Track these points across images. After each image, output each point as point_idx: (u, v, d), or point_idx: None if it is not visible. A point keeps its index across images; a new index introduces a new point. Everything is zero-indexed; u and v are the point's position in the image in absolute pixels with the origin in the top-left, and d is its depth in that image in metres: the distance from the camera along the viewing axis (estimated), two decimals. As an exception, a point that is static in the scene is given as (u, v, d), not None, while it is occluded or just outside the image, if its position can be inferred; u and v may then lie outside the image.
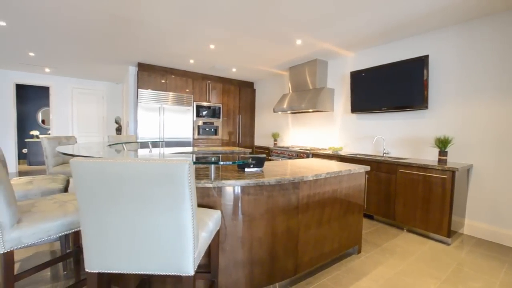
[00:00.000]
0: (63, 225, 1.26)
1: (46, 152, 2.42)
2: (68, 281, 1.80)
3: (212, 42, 3.66)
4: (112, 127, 7.08)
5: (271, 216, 1.58)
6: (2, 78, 5.71)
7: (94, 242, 0.90)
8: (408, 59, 3.18)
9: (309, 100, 4.27)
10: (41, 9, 2.75)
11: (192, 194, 0.81)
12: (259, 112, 6.39)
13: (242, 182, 1.41)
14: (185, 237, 0.83)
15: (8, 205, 1.10)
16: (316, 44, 3.66)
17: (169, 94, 4.93)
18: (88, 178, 0.85)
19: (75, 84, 6.57)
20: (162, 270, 0.87)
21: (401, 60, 3.25)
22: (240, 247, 1.51)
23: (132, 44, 3.85)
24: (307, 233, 1.77)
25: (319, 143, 4.74)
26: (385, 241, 2.61)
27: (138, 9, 2.72)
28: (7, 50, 4.28)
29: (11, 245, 1.11)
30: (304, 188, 1.70)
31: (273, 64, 4.81)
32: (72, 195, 1.56)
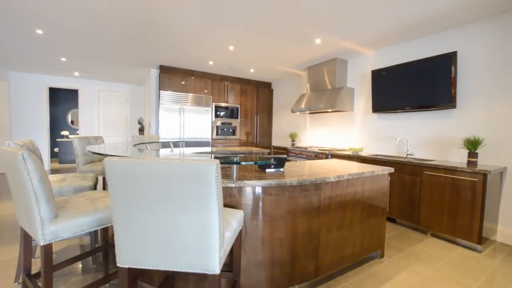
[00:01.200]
0: (94, 221, 1.33)
1: (77, 151, 2.57)
2: (97, 274, 1.90)
3: (231, 43, 3.71)
4: (135, 128, 7.37)
5: (292, 217, 1.57)
6: (37, 82, 6.14)
7: (125, 238, 0.94)
8: (434, 56, 3.03)
9: (327, 100, 4.20)
10: (73, 17, 2.91)
11: (219, 194, 0.83)
12: (277, 112, 6.37)
13: (264, 182, 1.42)
14: (212, 236, 0.85)
15: (47, 201, 1.18)
16: (336, 42, 3.59)
17: (188, 95, 5.05)
18: (120, 177, 0.89)
19: (101, 87, 6.91)
20: (189, 268, 0.89)
21: (426, 58, 3.11)
22: (260, 247, 1.52)
23: (155, 48, 3.98)
24: (328, 235, 1.75)
25: (338, 143, 4.65)
26: (409, 245, 2.51)
27: (162, 14, 2.82)
28: (43, 56, 4.58)
29: (50, 238, 1.19)
30: (326, 190, 1.68)
31: (291, 64, 4.79)
32: (102, 192, 1.64)
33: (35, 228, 1.18)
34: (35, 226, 1.18)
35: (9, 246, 2.29)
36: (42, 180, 1.17)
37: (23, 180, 1.15)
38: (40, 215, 1.17)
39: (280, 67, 4.99)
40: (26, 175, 1.13)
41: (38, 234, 1.17)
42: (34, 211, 1.16)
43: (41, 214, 1.17)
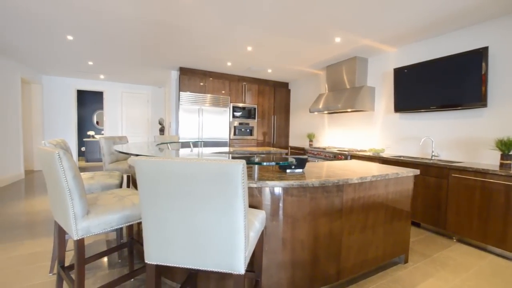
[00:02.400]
0: (122, 218, 1.38)
1: (103, 150, 2.69)
2: (122, 269, 1.98)
3: (250, 44, 3.73)
4: (156, 128, 7.61)
5: (314, 218, 1.55)
6: (67, 85, 6.53)
7: (153, 235, 0.97)
8: (463, 52, 2.88)
9: (346, 99, 4.11)
10: (100, 22, 3.06)
11: (244, 194, 0.84)
12: (294, 112, 6.32)
13: (286, 183, 1.41)
14: (237, 236, 0.86)
15: (80, 197, 1.25)
16: (357, 41, 3.50)
17: (207, 96, 5.14)
18: (149, 176, 0.92)
19: (124, 89, 7.21)
20: (214, 267, 0.91)
21: (453, 54, 2.96)
22: (281, 248, 1.52)
23: (175, 50, 4.09)
24: (350, 238, 1.71)
25: (358, 144, 4.53)
26: (434, 251, 2.40)
27: (183, 17, 2.89)
28: (72, 60, 4.86)
29: (82, 233, 1.26)
30: (348, 191, 1.64)
31: (309, 64, 4.73)
32: (128, 190, 1.71)
33: (69, 224, 1.25)
34: (69, 222, 1.24)
35: (43, 239, 2.45)
36: (76, 178, 1.23)
37: (58, 178, 1.22)
38: (74, 211, 1.23)
39: (298, 67, 4.95)
40: (61, 173, 1.20)
41: (72, 229, 1.24)
42: (69, 207, 1.23)
43: (75, 210, 1.23)
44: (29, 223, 2.86)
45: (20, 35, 3.55)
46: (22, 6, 2.69)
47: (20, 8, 2.75)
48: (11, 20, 3.05)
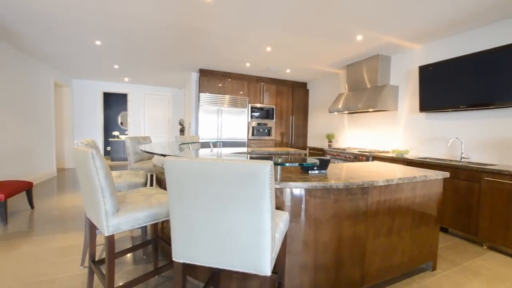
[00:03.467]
0: (149, 216, 1.43)
1: (129, 150, 2.81)
2: (147, 265, 2.05)
3: (269, 44, 3.73)
4: (176, 128, 7.82)
5: (338, 221, 1.52)
6: (94, 88, 6.88)
7: (180, 234, 1.00)
8: (497, 47, 2.70)
9: (367, 99, 3.99)
10: (126, 27, 3.19)
11: (272, 195, 0.84)
12: (313, 112, 6.24)
13: (309, 184, 1.40)
14: (264, 237, 0.86)
15: (111, 195, 1.31)
16: (379, 38, 3.39)
17: (225, 97, 5.20)
18: (178, 176, 0.95)
19: (146, 91, 7.49)
20: (240, 267, 0.92)
21: (486, 50, 2.78)
22: (304, 250, 1.50)
23: (195, 52, 4.17)
24: (375, 242, 1.65)
25: (379, 145, 4.39)
26: (465, 259, 2.27)
27: (204, 19, 2.94)
28: (99, 64, 5.11)
29: (112, 229, 1.31)
30: (373, 194, 1.59)
31: (328, 63, 4.65)
32: (153, 189, 1.76)
33: (101, 220, 1.31)
34: (101, 218, 1.31)
35: (73, 233, 2.59)
36: (107, 176, 1.29)
37: (91, 176, 1.28)
38: (105, 208, 1.29)
39: (316, 66, 4.88)
40: (94, 172, 1.26)
41: (103, 226, 1.30)
42: (100, 205, 1.29)
43: (106, 207, 1.29)
44: (61, 218, 3.04)
45: (54, 42, 3.79)
46: (56, 14, 2.87)
47: (54, 17, 2.93)
48: (47, 28, 3.26)
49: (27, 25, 3.21)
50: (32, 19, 3.02)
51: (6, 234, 2.55)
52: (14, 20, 3.05)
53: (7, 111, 3.96)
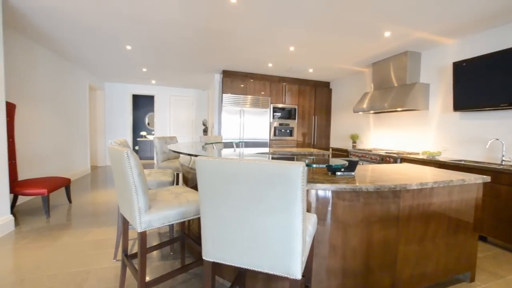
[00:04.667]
0: (178, 214, 1.48)
1: (157, 149, 2.92)
2: (174, 261, 2.12)
3: (292, 43, 3.70)
4: (199, 128, 8.03)
5: (367, 225, 1.47)
6: (124, 90, 7.27)
7: (211, 233, 1.02)
8: (548, 40, 2.45)
9: (395, 98, 3.82)
10: (154, 31, 3.34)
11: (304, 197, 0.83)
12: (336, 112, 6.09)
13: (338, 186, 1.37)
14: (295, 239, 0.86)
15: (144, 193, 1.37)
16: (409, 34, 3.23)
17: (247, 98, 5.24)
18: (209, 175, 0.97)
19: (172, 92, 7.77)
20: (270, 269, 0.91)
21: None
22: (331, 254, 1.47)
23: (219, 54, 4.25)
24: (407, 248, 1.57)
25: (408, 146, 4.18)
26: (509, 271, 2.09)
27: (228, 21, 2.99)
28: (129, 68, 5.39)
29: (145, 226, 1.38)
30: (406, 198, 1.52)
31: (353, 61, 4.51)
32: (182, 188, 1.82)
33: (134, 217, 1.38)
34: (134, 215, 1.37)
35: (106, 228, 2.75)
36: (141, 175, 1.35)
37: (126, 174, 1.35)
38: (139, 206, 1.35)
39: (341, 65, 4.76)
40: (129, 170, 1.33)
41: (136, 222, 1.37)
42: (134, 202, 1.35)
43: (139, 204, 1.36)
44: (95, 212, 3.24)
45: (90, 48, 4.06)
46: (94, 22, 3.06)
47: (92, 24, 3.13)
48: (85, 35, 3.50)
49: (68, 33, 3.46)
50: (73, 27, 3.26)
51: (49, 226, 2.77)
52: (57, 28, 3.31)
53: (50, 114, 4.30)
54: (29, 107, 3.72)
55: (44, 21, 3.08)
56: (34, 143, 3.87)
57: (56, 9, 2.78)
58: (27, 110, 3.68)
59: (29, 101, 3.74)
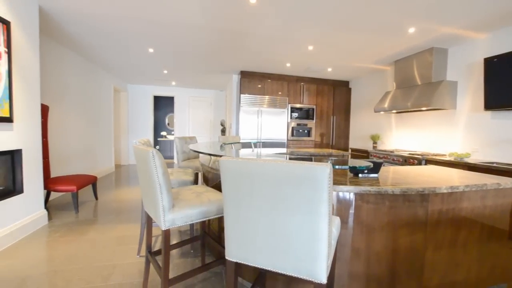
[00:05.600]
0: (200, 213, 1.51)
1: (177, 149, 3.00)
2: (194, 259, 2.16)
3: (311, 43, 3.65)
4: (217, 129, 8.15)
5: (393, 229, 1.42)
6: (145, 92, 7.53)
7: (234, 233, 1.02)
8: None
9: (419, 97, 3.66)
10: (175, 34, 3.43)
11: (330, 199, 0.82)
12: (355, 112, 5.94)
13: (362, 188, 1.33)
14: (321, 242, 0.84)
15: (167, 192, 1.41)
16: (435, 29, 3.08)
17: (265, 98, 5.24)
18: (233, 176, 0.98)
19: (191, 93, 7.95)
20: (293, 272, 0.90)
21: None
22: (354, 258, 1.43)
23: (237, 55, 4.29)
24: (436, 255, 1.50)
25: (433, 147, 3.99)
26: (549, 283, 1.92)
27: (247, 21, 3.01)
28: (151, 70, 5.57)
29: (168, 224, 1.41)
30: (435, 202, 1.45)
31: (374, 59, 4.38)
32: (202, 187, 1.85)
33: (159, 215, 1.42)
34: (159, 213, 1.41)
35: (130, 224, 2.86)
36: (165, 174, 1.39)
37: (151, 173, 1.40)
38: (163, 204, 1.39)
39: (361, 63, 4.63)
40: (154, 169, 1.37)
41: (160, 220, 1.41)
42: (158, 200, 1.39)
43: (163, 203, 1.40)
44: (119, 209, 3.38)
45: (115, 51, 4.24)
46: (119, 27, 3.20)
47: (117, 29, 3.28)
48: (109, 40, 3.67)
49: (96, 38, 3.64)
50: (100, 33, 3.42)
51: (78, 221, 2.93)
52: (87, 34, 3.49)
53: (78, 115, 4.54)
54: (59, 109, 3.96)
55: (75, 27, 3.26)
56: (64, 143, 4.10)
57: (87, 16, 2.93)
58: (58, 112, 3.91)
59: (60, 103, 3.97)
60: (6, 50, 2.24)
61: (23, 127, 2.50)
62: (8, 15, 2.30)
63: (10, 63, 2.28)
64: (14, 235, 2.37)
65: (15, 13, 2.38)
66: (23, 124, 2.50)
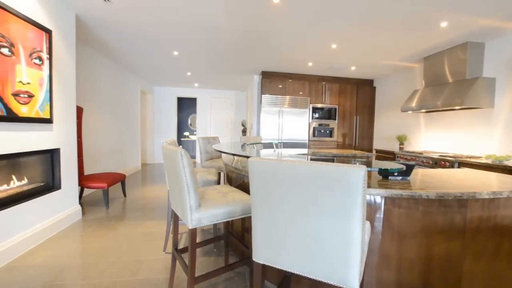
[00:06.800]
0: (226, 213, 1.52)
1: (201, 149, 3.06)
2: (217, 258, 2.19)
3: (335, 41, 3.57)
4: (238, 129, 8.23)
5: (427, 236, 1.34)
6: (170, 94, 7.80)
7: (263, 235, 1.02)
8: None
9: (451, 95, 3.44)
10: (199, 37, 3.51)
11: (364, 203, 0.79)
12: (380, 112, 5.72)
13: (393, 192, 1.27)
14: (353, 248, 0.81)
15: (194, 191, 1.44)
16: (471, 22, 2.88)
17: (286, 98, 5.21)
18: (262, 177, 0.97)
19: (212, 94, 8.11)
20: (324, 277, 0.88)
21: None
22: (384, 265, 1.37)
23: (259, 55, 4.30)
24: (475, 266, 1.40)
25: (466, 149, 3.73)
26: None
27: (270, 21, 3.00)
28: (175, 72, 5.75)
29: (195, 223, 1.44)
30: (474, 208, 1.35)
31: (401, 57, 4.18)
32: (227, 187, 1.87)
33: (186, 214, 1.45)
34: (186, 212, 1.45)
35: (156, 221, 2.96)
36: (192, 173, 1.43)
37: (179, 173, 1.43)
38: (190, 203, 1.43)
39: (387, 61, 4.44)
40: (182, 169, 1.40)
41: (188, 219, 1.44)
42: (186, 199, 1.43)
43: (191, 202, 1.43)
44: (146, 206, 3.52)
45: (142, 55, 4.43)
46: (146, 32, 3.34)
47: (144, 34, 3.42)
48: (137, 43, 3.83)
49: (124, 43, 3.83)
50: (129, 37, 3.59)
51: (108, 217, 3.09)
52: (117, 39, 3.69)
53: (108, 116, 4.80)
54: (92, 110, 4.20)
55: (106, 33, 3.45)
56: (96, 142, 4.35)
57: (119, 23, 3.08)
58: (90, 113, 4.16)
59: (92, 105, 4.22)
60: (48, 57, 2.41)
61: (61, 127, 2.68)
62: (50, 24, 2.48)
63: (51, 68, 2.46)
64: (53, 228, 2.55)
65: (55, 22, 2.56)
66: (61, 125, 2.69)
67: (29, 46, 2.20)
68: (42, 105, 2.37)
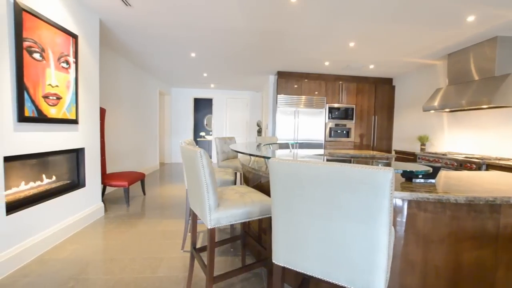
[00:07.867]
0: (244, 213, 1.53)
1: (217, 149, 3.10)
2: (234, 257, 2.20)
3: (353, 39, 3.49)
4: (253, 129, 8.26)
5: (455, 242, 1.28)
6: (187, 94, 7.95)
7: (283, 237, 1.01)
8: None
9: (477, 93, 3.27)
10: (216, 38, 3.55)
11: (391, 207, 0.76)
12: (399, 111, 5.52)
13: (419, 195, 1.22)
14: (379, 253, 0.79)
15: (213, 191, 1.45)
16: (501, 15, 2.71)
17: (302, 98, 5.15)
18: (283, 178, 0.96)
19: (228, 95, 8.19)
20: (347, 283, 0.86)
21: None
22: (408, 271, 1.32)
23: (275, 55, 4.28)
24: (510, 275, 1.31)
25: (495, 150, 3.52)
26: None
27: (286, 21, 2.98)
28: (192, 73, 5.86)
29: (214, 223, 1.46)
30: (508, 214, 1.27)
31: (423, 54, 4.02)
32: (245, 187, 1.88)
33: (205, 214, 1.47)
34: (205, 212, 1.46)
35: (174, 220, 3.03)
36: (211, 173, 1.44)
37: (198, 173, 1.45)
38: (209, 203, 1.44)
39: (407, 58, 4.29)
40: (201, 169, 1.42)
41: (207, 219, 1.46)
42: (205, 199, 1.44)
43: (210, 202, 1.44)
44: (165, 204, 3.61)
45: (160, 57, 4.55)
46: (165, 34, 3.42)
47: (163, 37, 3.51)
48: (156, 46, 3.94)
49: (144, 46, 3.95)
50: (148, 41, 3.70)
51: (128, 214, 3.19)
52: (137, 43, 3.81)
53: (128, 117, 4.97)
54: (113, 111, 4.36)
55: (128, 37, 3.57)
56: (117, 142, 4.51)
57: (138, 26, 3.18)
58: (112, 114, 4.32)
59: (114, 106, 4.38)
60: (74, 60, 2.53)
61: (85, 128, 2.80)
62: (76, 29, 2.60)
63: (77, 71, 2.57)
64: (78, 224, 2.67)
65: (81, 27, 2.68)
66: (86, 125, 2.81)
67: (58, 50, 2.32)
68: (69, 107, 2.48)
